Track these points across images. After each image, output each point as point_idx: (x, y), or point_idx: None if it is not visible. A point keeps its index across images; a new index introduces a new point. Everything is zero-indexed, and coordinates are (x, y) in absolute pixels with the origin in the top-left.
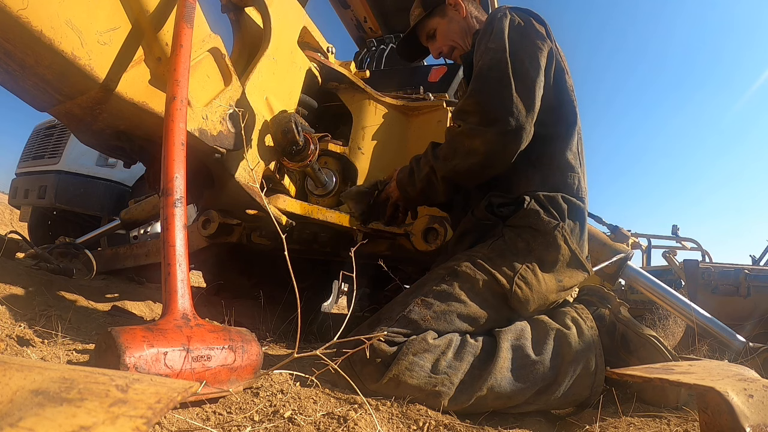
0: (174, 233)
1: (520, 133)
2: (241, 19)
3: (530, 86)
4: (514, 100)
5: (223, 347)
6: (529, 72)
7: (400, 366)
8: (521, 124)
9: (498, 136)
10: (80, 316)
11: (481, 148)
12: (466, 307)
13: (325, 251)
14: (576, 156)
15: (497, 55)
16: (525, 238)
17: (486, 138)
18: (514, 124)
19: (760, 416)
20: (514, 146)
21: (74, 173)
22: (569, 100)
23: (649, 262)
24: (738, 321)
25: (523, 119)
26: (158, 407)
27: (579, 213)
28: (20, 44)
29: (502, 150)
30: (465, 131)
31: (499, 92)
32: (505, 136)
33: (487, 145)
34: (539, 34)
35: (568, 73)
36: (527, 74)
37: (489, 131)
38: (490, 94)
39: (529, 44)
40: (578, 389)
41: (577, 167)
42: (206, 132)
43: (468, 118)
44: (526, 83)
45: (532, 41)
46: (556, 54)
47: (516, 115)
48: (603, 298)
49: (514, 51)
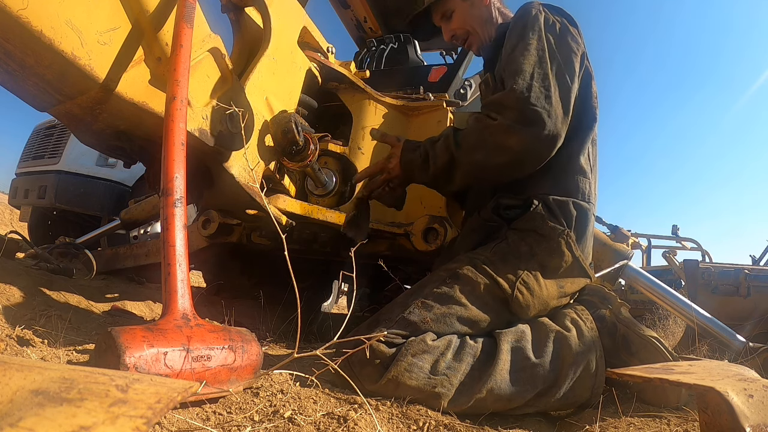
0: (174, 233)
1: (555, 139)
2: (241, 19)
3: (568, 91)
4: (553, 103)
5: (223, 347)
6: (566, 76)
7: (399, 367)
8: (558, 129)
9: (534, 138)
10: (80, 316)
11: (516, 147)
12: (467, 311)
13: (325, 251)
14: (588, 161)
15: (539, 54)
16: (529, 242)
17: (522, 138)
18: (552, 128)
19: (760, 416)
20: (548, 152)
21: (74, 173)
22: (591, 106)
23: (649, 262)
24: (738, 321)
25: (560, 125)
26: (158, 407)
27: (587, 219)
28: (20, 44)
29: (535, 153)
30: (501, 126)
31: (540, 90)
32: (540, 140)
33: (522, 144)
34: (574, 38)
35: (593, 78)
36: (565, 79)
37: (527, 131)
38: (531, 90)
39: (566, 48)
40: (579, 391)
41: (588, 172)
42: (206, 132)
43: (506, 113)
44: (564, 88)
45: (568, 45)
46: (586, 58)
47: (555, 120)
48: (604, 298)
49: (553, 53)
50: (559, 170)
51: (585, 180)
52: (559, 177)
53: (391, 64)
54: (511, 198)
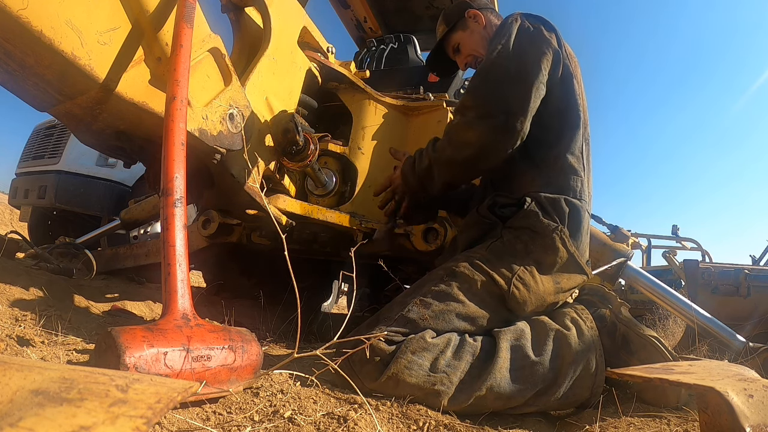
0: (174, 233)
1: (511, 131)
2: (241, 19)
3: (528, 88)
4: (509, 98)
5: (223, 347)
6: (529, 74)
7: (399, 364)
8: (514, 121)
9: (490, 130)
10: (80, 316)
11: (474, 140)
12: (465, 307)
13: (325, 251)
14: (579, 159)
15: (502, 54)
16: (523, 240)
17: (479, 131)
18: (506, 120)
19: (760, 416)
20: (506, 142)
21: (74, 173)
22: (575, 104)
23: (649, 262)
24: (738, 321)
25: (516, 117)
26: (158, 407)
27: (581, 216)
28: (20, 44)
29: (493, 144)
30: (461, 123)
31: (496, 89)
32: (496, 131)
33: (479, 137)
34: (546, 40)
35: (577, 78)
36: (527, 76)
37: (483, 124)
38: (487, 90)
39: (534, 48)
40: (578, 390)
41: (580, 170)
42: (206, 132)
43: (466, 112)
44: (524, 84)
45: (538, 46)
46: (565, 59)
47: (509, 113)
48: (604, 298)
49: (518, 53)
50: (548, 169)
51: (576, 178)
52: (550, 176)
53: (391, 64)
54: (506, 197)
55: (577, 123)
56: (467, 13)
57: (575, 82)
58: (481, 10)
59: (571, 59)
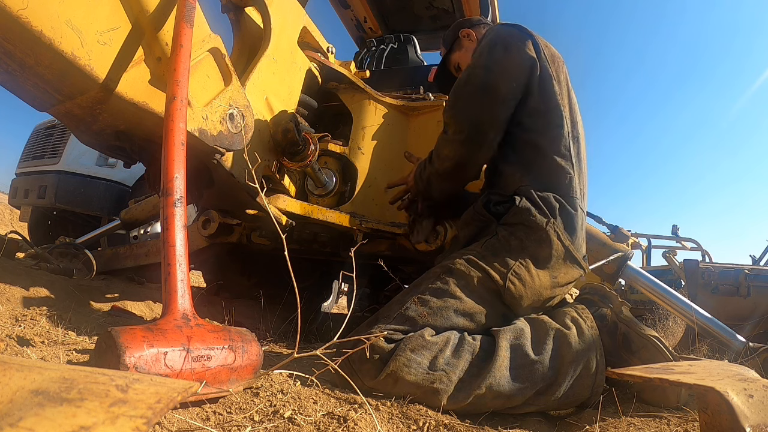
0: (174, 233)
1: (481, 143)
2: (241, 19)
3: (499, 100)
4: (478, 113)
5: (223, 347)
6: (499, 86)
7: (398, 362)
8: (483, 135)
9: (461, 144)
10: (80, 316)
11: (451, 154)
12: (462, 303)
13: (325, 251)
14: (567, 157)
15: (474, 71)
16: (518, 235)
17: (453, 147)
18: (476, 134)
19: (760, 416)
20: (477, 154)
21: (74, 173)
22: (556, 105)
23: (649, 262)
24: (738, 321)
25: (486, 131)
26: (158, 407)
27: (573, 212)
28: (20, 44)
29: (466, 157)
30: (441, 138)
31: (466, 106)
32: (467, 144)
33: (455, 151)
34: (518, 49)
35: (557, 79)
36: (497, 89)
37: (455, 139)
38: (459, 107)
39: (506, 59)
40: (578, 390)
41: (568, 168)
42: (206, 132)
43: (446, 128)
44: (494, 97)
45: (510, 56)
46: (543, 62)
47: (479, 127)
48: (604, 297)
49: (489, 66)
50: (536, 169)
51: (565, 175)
52: (538, 174)
53: (391, 64)
54: (499, 194)
55: (560, 123)
56: (461, 33)
57: (555, 84)
58: (473, 26)
59: (553, 61)
